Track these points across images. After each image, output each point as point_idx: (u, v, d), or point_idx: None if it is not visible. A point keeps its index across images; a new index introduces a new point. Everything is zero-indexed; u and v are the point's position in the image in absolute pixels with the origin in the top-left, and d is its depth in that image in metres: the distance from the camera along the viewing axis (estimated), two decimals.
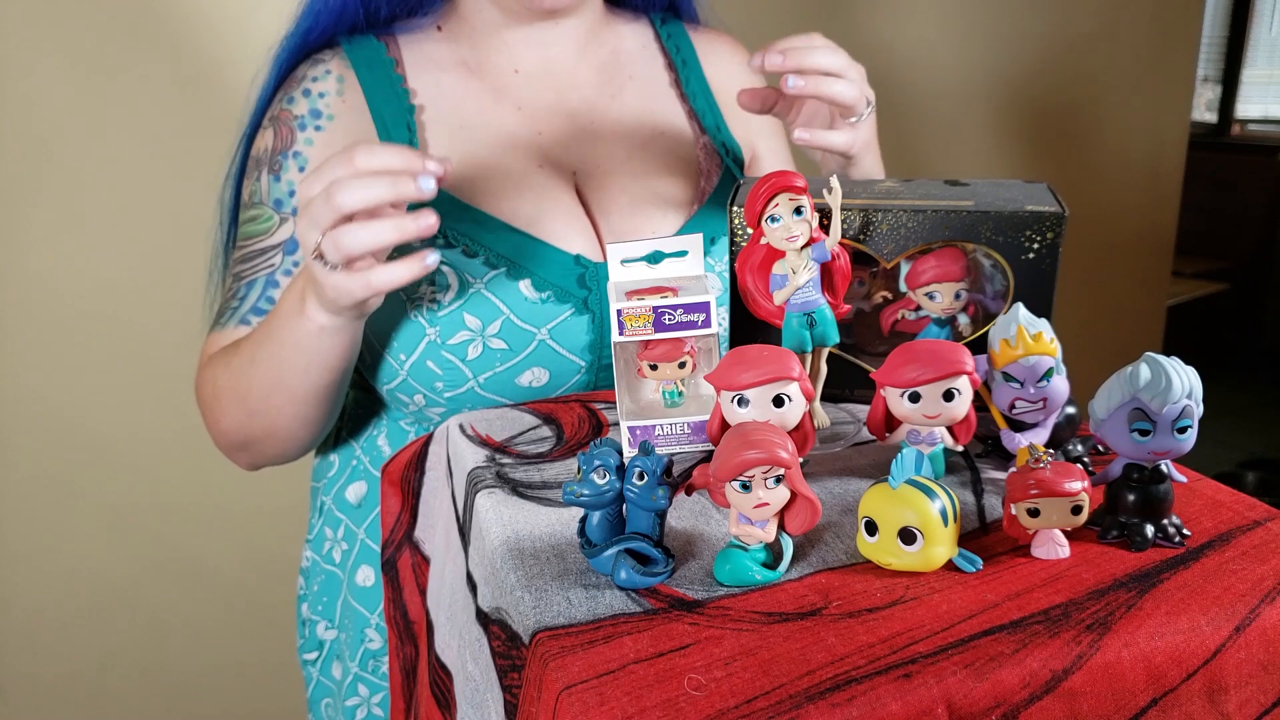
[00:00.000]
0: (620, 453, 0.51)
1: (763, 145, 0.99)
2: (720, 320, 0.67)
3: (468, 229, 0.80)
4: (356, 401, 0.90)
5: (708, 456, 0.63)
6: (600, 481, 0.50)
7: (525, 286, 0.79)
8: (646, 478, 0.50)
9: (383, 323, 0.80)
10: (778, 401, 0.53)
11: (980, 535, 0.55)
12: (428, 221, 0.63)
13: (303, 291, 0.70)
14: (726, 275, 0.81)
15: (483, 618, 0.53)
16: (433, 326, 0.78)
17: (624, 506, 0.51)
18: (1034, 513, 0.51)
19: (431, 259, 0.64)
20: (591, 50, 0.91)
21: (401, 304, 0.79)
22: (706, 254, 0.85)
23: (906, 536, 0.49)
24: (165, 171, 1.37)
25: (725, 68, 0.97)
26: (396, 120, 0.82)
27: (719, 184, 0.89)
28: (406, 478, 0.75)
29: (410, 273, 0.65)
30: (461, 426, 0.71)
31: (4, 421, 1.38)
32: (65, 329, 1.37)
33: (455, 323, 0.78)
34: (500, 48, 0.87)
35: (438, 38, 0.87)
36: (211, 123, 1.09)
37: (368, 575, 0.88)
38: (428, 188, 0.63)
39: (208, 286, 0.91)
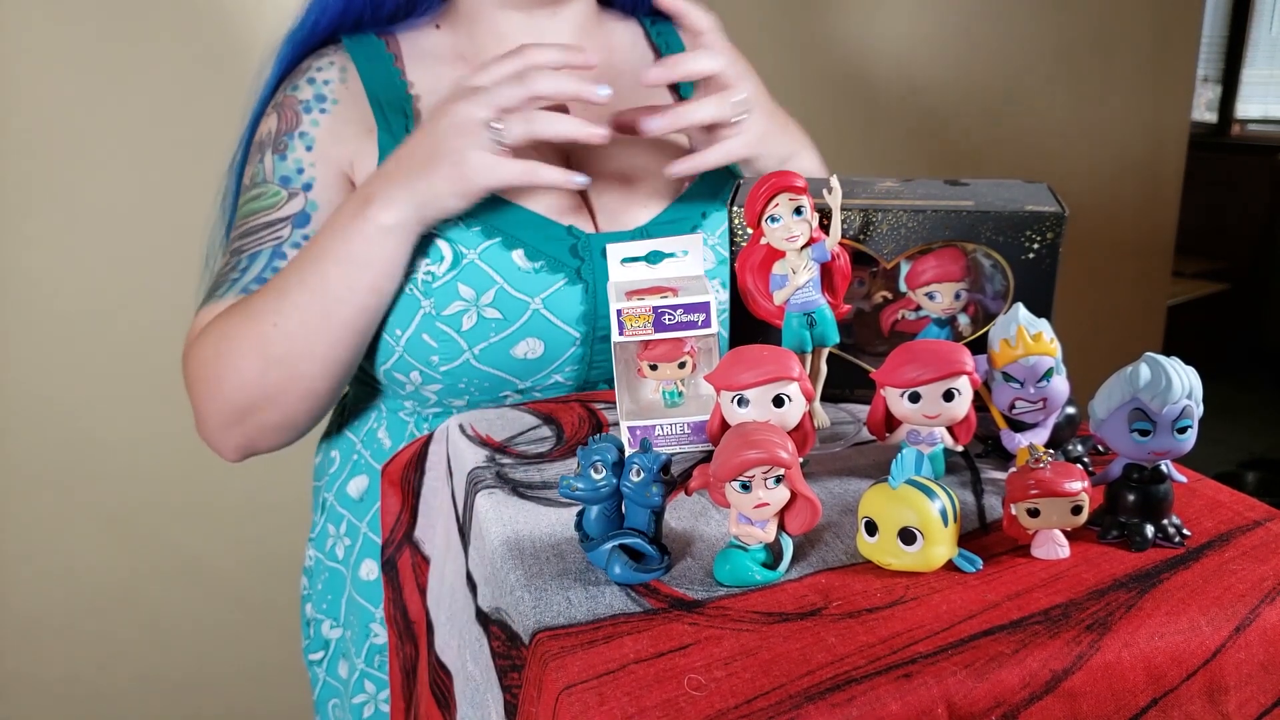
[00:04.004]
0: (621, 450, 0.51)
1: None
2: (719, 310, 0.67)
3: None
4: (355, 396, 0.91)
5: (708, 456, 0.63)
6: (596, 476, 0.50)
7: (518, 256, 0.80)
8: (642, 474, 0.50)
9: None
10: (778, 401, 0.53)
11: (980, 535, 0.55)
12: (601, 133, 0.74)
13: (366, 198, 0.75)
14: (725, 260, 0.81)
15: (483, 618, 0.53)
16: (427, 298, 0.79)
17: (623, 503, 0.51)
18: (1034, 513, 0.51)
19: (580, 179, 0.74)
20: (585, 45, 0.91)
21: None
22: (699, 227, 0.85)
23: (906, 536, 0.49)
24: (164, 171, 1.37)
25: None
26: (393, 107, 0.84)
27: None
28: (406, 478, 0.75)
29: (563, 180, 0.74)
30: (461, 426, 0.71)
31: (4, 421, 1.38)
32: (64, 329, 1.37)
33: (449, 293, 0.79)
34: (497, 39, 0.88)
35: (435, 34, 0.89)
36: (211, 122, 1.09)
37: (371, 569, 0.88)
38: (604, 94, 0.74)
39: (202, 276, 0.91)
